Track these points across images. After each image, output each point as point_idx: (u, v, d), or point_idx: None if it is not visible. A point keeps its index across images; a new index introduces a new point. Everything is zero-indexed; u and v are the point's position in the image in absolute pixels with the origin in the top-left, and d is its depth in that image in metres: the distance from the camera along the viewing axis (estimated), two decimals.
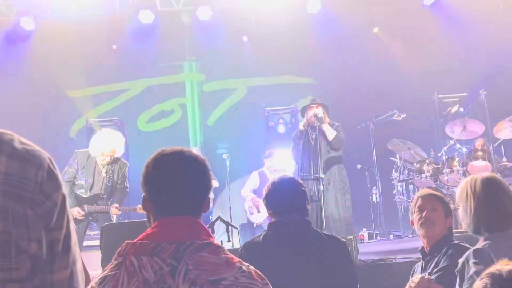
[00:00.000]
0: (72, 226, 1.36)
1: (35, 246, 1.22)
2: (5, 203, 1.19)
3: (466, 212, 2.91)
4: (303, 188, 3.32)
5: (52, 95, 11.96)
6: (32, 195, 1.23)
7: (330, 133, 7.35)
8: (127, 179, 7.31)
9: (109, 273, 1.80)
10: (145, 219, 2.03)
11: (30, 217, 1.21)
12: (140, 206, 7.09)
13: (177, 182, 1.90)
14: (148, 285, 1.73)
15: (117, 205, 7.12)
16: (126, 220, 8.80)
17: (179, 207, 1.89)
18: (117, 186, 7.20)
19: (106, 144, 6.91)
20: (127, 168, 7.25)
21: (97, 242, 7.00)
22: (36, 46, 11.56)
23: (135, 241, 1.83)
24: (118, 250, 1.82)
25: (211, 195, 9.33)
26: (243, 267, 1.82)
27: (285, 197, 3.18)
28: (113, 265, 1.82)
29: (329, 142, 7.40)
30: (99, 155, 6.90)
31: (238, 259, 1.86)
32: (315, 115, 7.32)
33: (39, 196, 1.24)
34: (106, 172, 7.05)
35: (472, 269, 2.74)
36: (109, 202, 7.11)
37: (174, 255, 1.76)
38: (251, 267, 1.85)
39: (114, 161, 7.05)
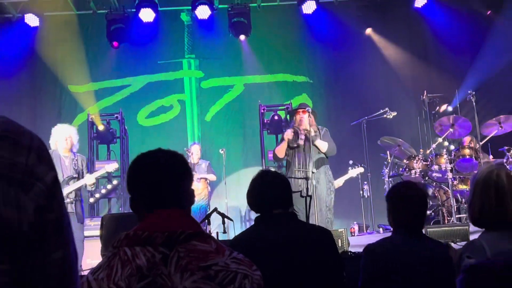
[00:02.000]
0: (65, 207, 1.32)
1: (26, 228, 1.18)
2: None
3: (469, 204, 2.90)
4: (286, 180, 3.29)
5: (55, 90, 11.96)
6: (23, 177, 1.19)
7: (323, 146, 7.30)
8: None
9: (104, 263, 1.81)
10: None
11: (21, 199, 1.18)
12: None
13: (157, 181, 1.93)
14: (141, 272, 1.73)
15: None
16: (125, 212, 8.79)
17: (167, 201, 1.91)
18: (83, 173, 7.46)
19: (63, 131, 7.37)
20: (87, 161, 7.78)
21: (97, 233, 6.99)
22: (40, 43, 11.53)
23: (128, 232, 1.83)
24: (112, 243, 1.82)
25: (208, 188, 9.42)
26: (233, 254, 1.83)
27: (268, 191, 3.15)
28: (107, 256, 1.83)
29: (323, 152, 7.36)
30: (62, 140, 7.26)
31: (228, 247, 1.86)
32: (307, 132, 7.22)
33: (30, 178, 1.21)
34: (69, 163, 7.32)
35: (464, 262, 2.75)
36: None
37: (166, 243, 1.77)
38: (241, 255, 1.85)
39: (75, 155, 7.40)
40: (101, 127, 10.45)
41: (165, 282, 1.72)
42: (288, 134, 7.33)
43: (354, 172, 8.52)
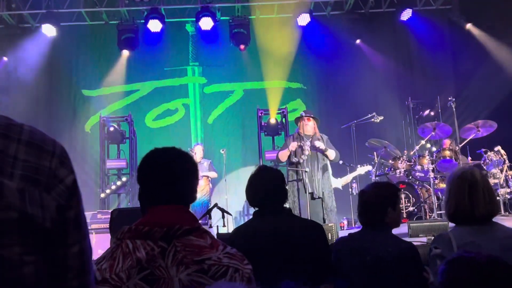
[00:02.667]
0: (82, 206, 1.38)
1: (49, 224, 1.25)
2: (23, 186, 1.22)
3: (445, 201, 2.89)
4: (281, 176, 3.26)
5: (69, 94, 11.95)
6: (46, 179, 1.26)
7: (331, 154, 7.27)
8: None
9: (107, 254, 1.81)
10: None
11: (45, 198, 1.25)
12: None
13: (164, 174, 1.91)
14: (140, 264, 1.73)
15: None
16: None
17: (169, 197, 1.89)
18: None
19: None
20: None
21: (107, 225, 6.96)
22: (56, 50, 11.51)
23: (131, 226, 1.83)
24: (116, 235, 1.81)
25: (210, 185, 9.38)
26: (226, 249, 1.81)
27: (265, 187, 3.14)
28: (111, 247, 1.83)
29: (331, 159, 7.35)
30: None
31: (222, 242, 1.85)
32: (317, 148, 7.16)
33: (53, 180, 1.27)
34: None
35: (432, 252, 2.73)
36: None
37: (165, 238, 1.76)
38: (234, 249, 1.84)
39: None
40: (111, 128, 10.43)
41: (163, 274, 1.71)
42: (294, 146, 7.27)
43: (363, 169, 8.59)
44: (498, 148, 8.35)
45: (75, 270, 1.33)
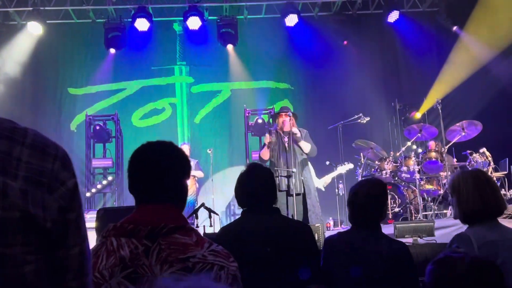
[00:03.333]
0: (83, 209, 1.41)
1: (50, 224, 1.29)
2: (26, 186, 1.25)
3: (454, 203, 2.89)
4: (271, 176, 3.24)
5: (55, 92, 11.86)
6: (49, 181, 1.30)
7: (305, 147, 7.23)
8: None
9: (92, 251, 1.75)
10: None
11: (47, 200, 1.28)
12: None
13: (153, 171, 1.87)
14: (124, 262, 1.71)
15: None
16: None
17: (156, 194, 1.86)
18: None
19: None
20: None
21: (93, 224, 6.89)
22: (42, 48, 11.41)
23: (116, 224, 1.81)
24: (101, 232, 1.78)
25: (196, 185, 9.35)
26: (212, 246, 1.79)
27: (254, 187, 3.10)
28: (96, 245, 1.82)
29: (306, 153, 7.30)
30: None
31: (209, 240, 1.83)
32: (293, 134, 7.12)
33: (55, 182, 1.31)
34: None
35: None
36: None
37: (149, 236, 1.74)
38: (220, 247, 1.82)
39: None
40: (97, 127, 10.37)
41: (146, 272, 1.69)
42: (267, 138, 7.26)
43: (343, 168, 8.38)
44: (483, 150, 8.42)
45: (74, 271, 1.37)
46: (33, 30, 11.10)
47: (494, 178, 8.08)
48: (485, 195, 2.77)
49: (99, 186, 10.13)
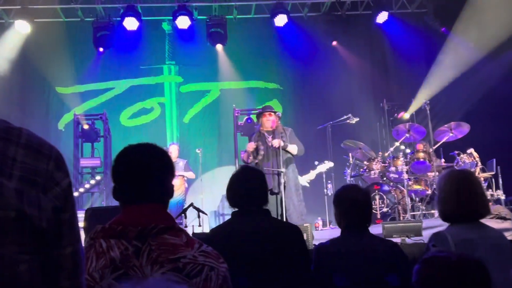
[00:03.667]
0: (76, 209, 1.42)
1: (45, 224, 1.29)
2: (21, 186, 1.26)
3: (438, 201, 2.94)
4: (263, 178, 3.25)
5: (43, 91, 11.78)
6: (44, 181, 1.30)
7: (293, 149, 7.18)
8: None
9: None
10: None
11: (42, 199, 1.29)
12: None
13: (138, 172, 1.86)
14: (114, 264, 1.70)
15: None
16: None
17: (143, 195, 1.85)
18: None
19: None
20: None
21: (81, 224, 6.88)
22: (30, 47, 11.33)
23: (104, 225, 1.80)
24: (89, 234, 1.77)
25: (185, 185, 9.34)
26: (202, 247, 1.79)
27: (246, 188, 3.11)
28: (85, 247, 1.80)
29: (294, 155, 7.25)
30: None
31: (198, 240, 1.83)
32: (279, 146, 6.98)
33: (49, 182, 1.32)
34: None
35: (430, 250, 2.77)
36: None
37: (139, 237, 1.73)
38: (210, 248, 1.82)
39: None
40: (85, 126, 10.33)
41: (137, 273, 1.69)
42: (251, 147, 7.20)
43: (324, 166, 8.33)
44: (471, 150, 8.48)
45: (67, 271, 1.37)
46: (21, 28, 11.02)
47: (482, 179, 8.16)
48: (463, 197, 2.80)
49: (87, 186, 10.08)
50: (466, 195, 2.81)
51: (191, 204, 6.93)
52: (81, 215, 7.96)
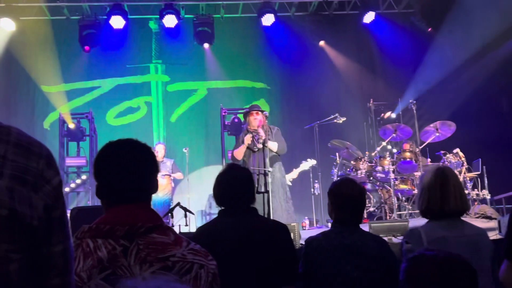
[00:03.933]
0: (66, 207, 1.41)
1: (36, 222, 1.29)
2: (12, 184, 1.25)
3: (417, 198, 2.99)
4: (250, 176, 3.25)
5: (28, 90, 11.68)
6: (34, 179, 1.30)
7: (273, 146, 7.18)
8: None
9: None
10: None
11: (33, 197, 1.29)
12: None
13: (121, 168, 1.83)
14: (102, 264, 1.68)
15: None
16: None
17: (127, 192, 1.82)
18: None
19: None
20: None
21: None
22: (15, 45, 11.22)
23: (91, 225, 1.78)
24: (75, 234, 1.75)
25: (172, 184, 9.30)
26: (190, 245, 1.78)
27: (233, 186, 3.11)
28: None
29: (274, 152, 7.26)
30: None
31: (186, 238, 1.81)
32: (257, 133, 7.08)
33: (40, 180, 1.32)
34: None
35: (404, 247, 2.80)
36: None
37: (127, 236, 1.72)
38: (198, 245, 1.81)
39: None
40: (71, 125, 10.27)
41: (125, 273, 1.67)
42: (248, 139, 7.24)
43: (307, 164, 8.24)
44: (457, 150, 8.55)
45: (57, 268, 1.38)
46: (6, 26, 10.92)
47: (468, 178, 8.23)
48: (441, 193, 2.83)
49: (72, 185, 10.03)
50: (437, 194, 2.84)
51: (178, 204, 6.91)
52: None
